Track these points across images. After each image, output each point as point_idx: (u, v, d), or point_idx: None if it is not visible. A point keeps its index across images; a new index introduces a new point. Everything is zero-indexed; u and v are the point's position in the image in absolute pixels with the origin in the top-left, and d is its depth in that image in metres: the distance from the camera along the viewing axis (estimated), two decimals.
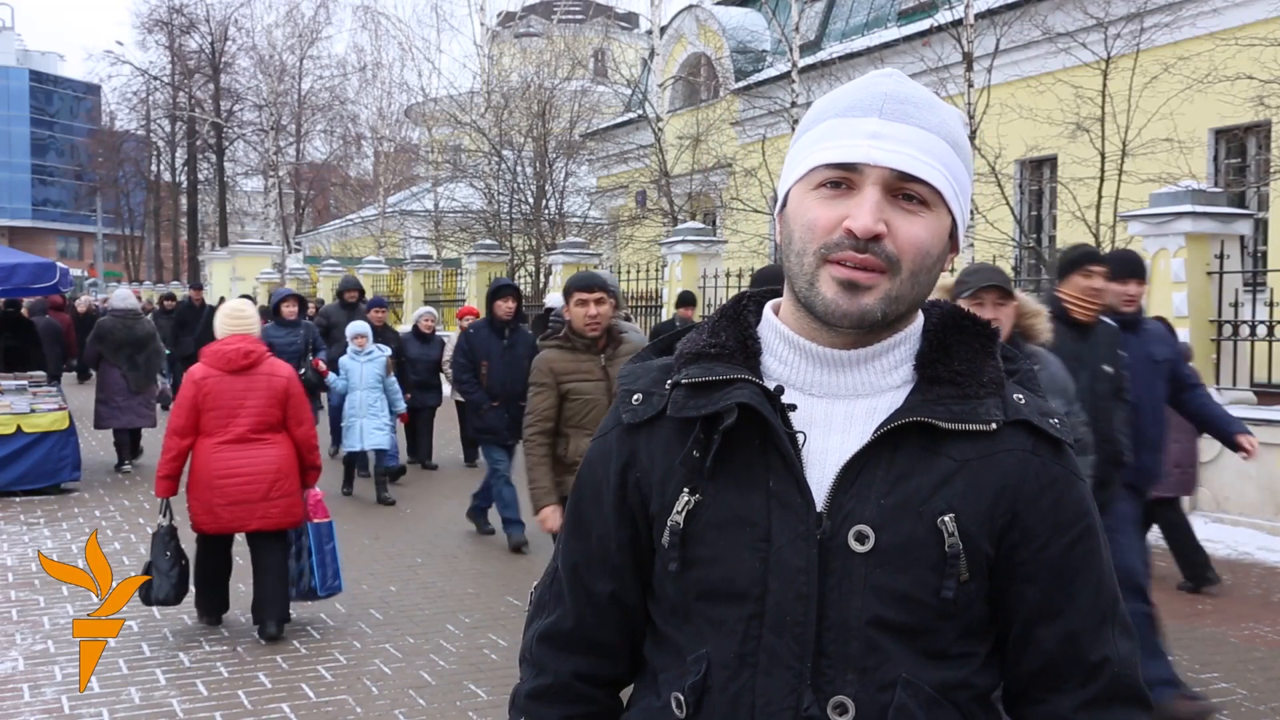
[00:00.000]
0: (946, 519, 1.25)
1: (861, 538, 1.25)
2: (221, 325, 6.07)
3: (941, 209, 1.28)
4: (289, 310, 10.57)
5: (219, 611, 6.19)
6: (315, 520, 6.00)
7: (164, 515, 5.84)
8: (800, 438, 1.29)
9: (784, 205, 1.34)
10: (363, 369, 9.78)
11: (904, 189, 1.26)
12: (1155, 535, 6.98)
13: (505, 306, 8.35)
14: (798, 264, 1.29)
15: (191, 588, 6.02)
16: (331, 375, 10.04)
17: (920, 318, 1.36)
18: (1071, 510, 1.31)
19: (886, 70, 1.34)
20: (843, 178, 1.26)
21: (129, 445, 11.61)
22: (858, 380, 1.32)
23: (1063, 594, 1.31)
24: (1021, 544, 1.30)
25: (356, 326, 10.13)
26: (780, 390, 1.31)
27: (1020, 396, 1.33)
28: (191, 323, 16.55)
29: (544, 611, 1.48)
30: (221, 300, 15.58)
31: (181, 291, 31.39)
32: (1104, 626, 1.32)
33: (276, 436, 5.89)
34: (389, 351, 10.26)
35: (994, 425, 1.29)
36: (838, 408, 1.32)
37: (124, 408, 11.04)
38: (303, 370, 9.79)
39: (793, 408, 1.31)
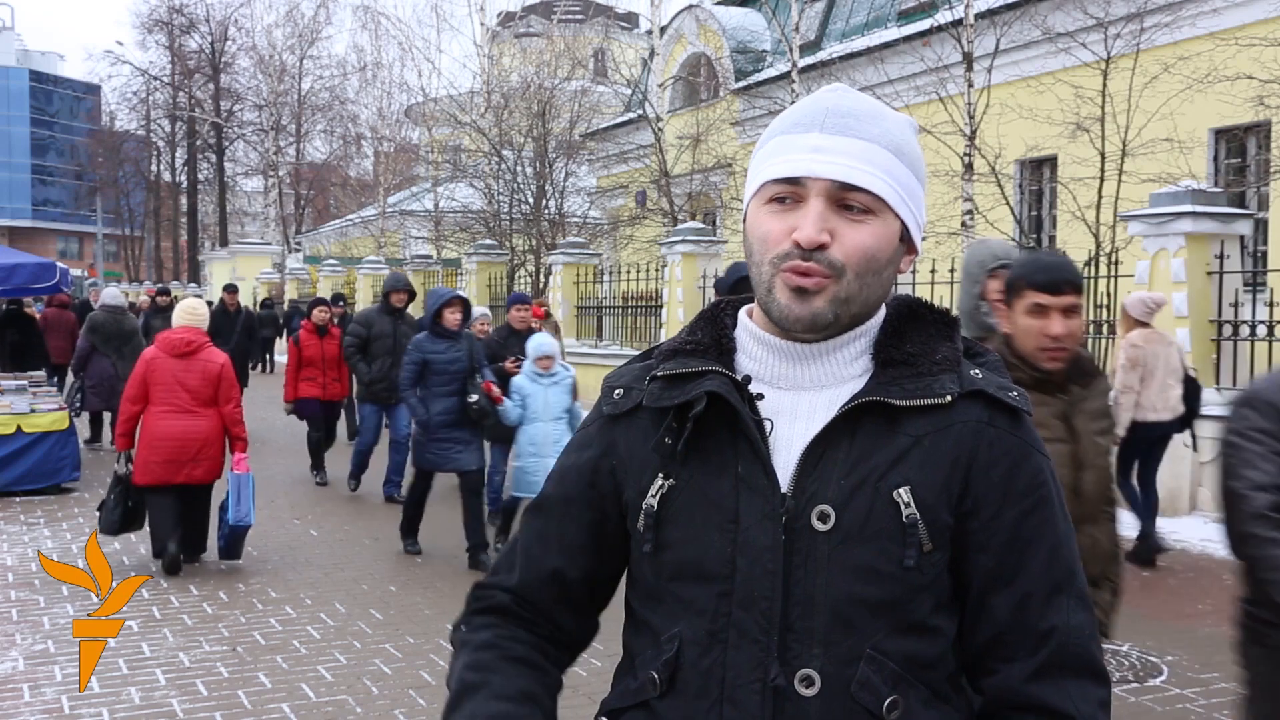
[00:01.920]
0: (902, 491, 1.30)
1: (824, 517, 1.30)
2: (178, 317, 7.53)
3: (888, 214, 1.34)
4: (452, 318, 7.80)
5: (168, 547, 7.30)
6: (237, 471, 7.31)
7: (118, 463, 7.36)
8: (767, 425, 1.36)
9: (746, 218, 1.42)
10: (547, 394, 7.50)
11: (847, 199, 1.32)
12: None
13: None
14: (757, 274, 1.37)
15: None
16: (506, 402, 7.56)
17: (881, 313, 1.43)
18: (1025, 480, 1.35)
19: (833, 86, 1.40)
20: (789, 191, 1.33)
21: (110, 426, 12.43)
22: (820, 372, 1.38)
23: (1015, 563, 1.34)
24: (974, 512, 1.33)
25: (542, 345, 7.68)
26: (748, 380, 1.38)
27: (978, 372, 1.37)
28: (225, 331, 13.75)
29: (494, 574, 1.54)
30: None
31: (181, 290, 31.34)
32: (1056, 597, 1.34)
33: (208, 411, 7.27)
34: (573, 373, 7.90)
35: (948, 398, 1.33)
36: (803, 398, 1.38)
37: (113, 392, 11.52)
38: (475, 398, 7.68)
39: (760, 397, 1.38)
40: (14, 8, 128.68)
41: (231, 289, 15.24)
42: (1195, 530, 8.92)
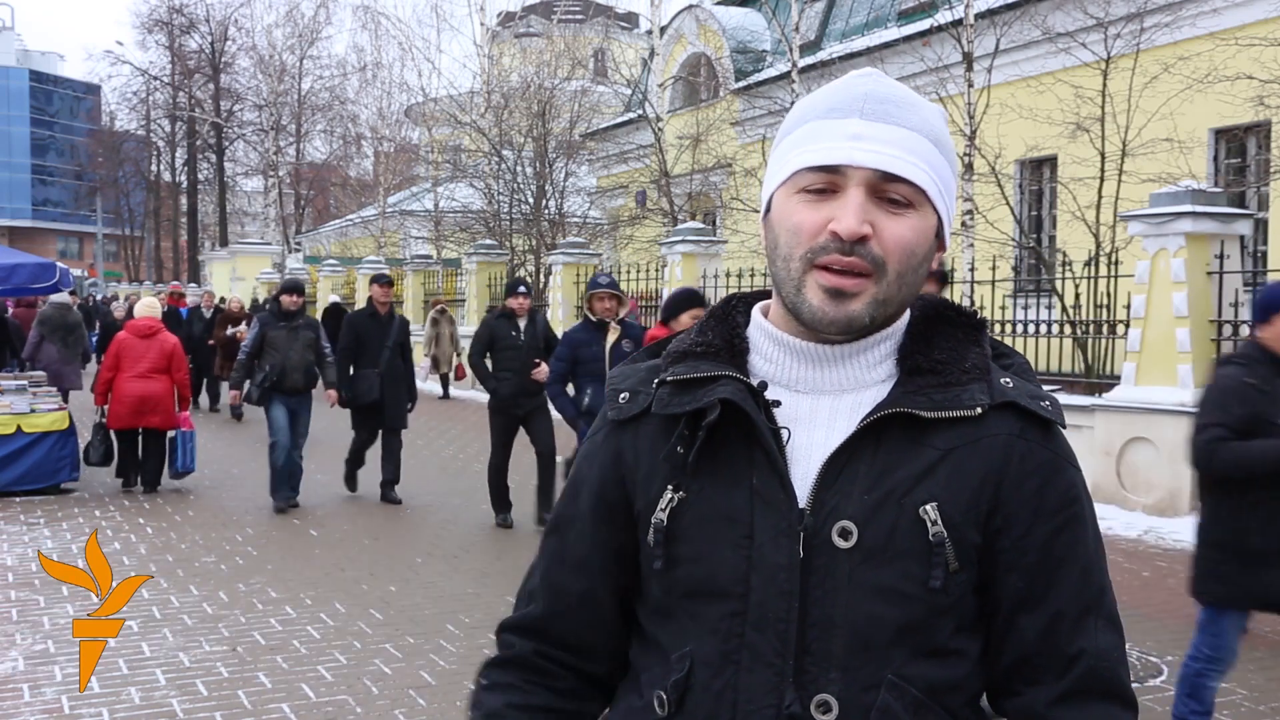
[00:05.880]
0: (928, 508, 1.23)
1: (845, 533, 1.24)
2: (139, 310, 10.45)
3: (926, 208, 1.27)
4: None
5: (130, 477, 10.41)
6: (183, 429, 10.25)
7: (97, 414, 10.19)
8: (785, 433, 1.28)
9: (768, 210, 1.32)
10: None
11: (887, 190, 1.24)
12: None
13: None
14: (784, 269, 1.28)
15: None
16: None
17: (906, 313, 1.35)
18: (1057, 496, 1.28)
19: (865, 70, 1.32)
20: (826, 181, 1.25)
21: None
22: (842, 375, 1.31)
23: (1046, 583, 1.28)
24: (1004, 530, 1.27)
25: None
26: (764, 386, 1.30)
27: (1008, 381, 1.30)
28: (372, 345, 9.84)
29: (518, 606, 1.47)
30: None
31: (187, 291, 31.18)
32: (1086, 618, 1.29)
33: (163, 377, 10.06)
34: None
35: (978, 410, 1.26)
36: (823, 403, 1.30)
37: (60, 374, 12.81)
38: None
39: (777, 404, 1.30)
40: (14, 8, 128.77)
41: (384, 280, 10.36)
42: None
